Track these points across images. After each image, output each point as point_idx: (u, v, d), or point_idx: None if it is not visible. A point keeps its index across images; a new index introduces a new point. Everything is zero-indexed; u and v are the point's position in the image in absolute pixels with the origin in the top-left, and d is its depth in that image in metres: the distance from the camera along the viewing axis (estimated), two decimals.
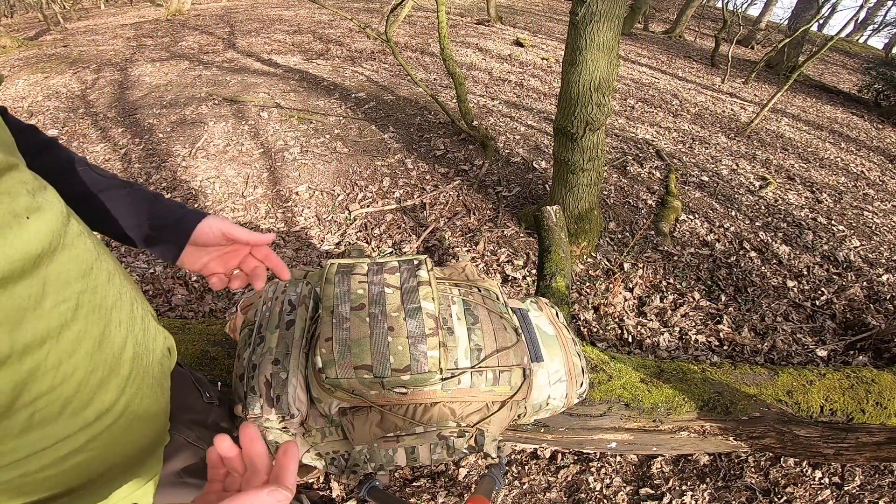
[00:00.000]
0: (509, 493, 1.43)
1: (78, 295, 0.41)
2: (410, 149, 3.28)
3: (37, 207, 0.38)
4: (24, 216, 0.36)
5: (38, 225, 0.38)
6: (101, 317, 0.44)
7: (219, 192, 2.72)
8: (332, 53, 5.42)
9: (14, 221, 0.35)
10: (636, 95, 5.07)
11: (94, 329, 0.42)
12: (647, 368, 1.25)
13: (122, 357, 0.46)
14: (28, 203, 0.37)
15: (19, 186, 0.37)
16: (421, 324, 0.71)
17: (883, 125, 5.58)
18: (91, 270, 0.44)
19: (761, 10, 11.35)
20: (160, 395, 0.54)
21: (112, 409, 0.45)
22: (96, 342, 0.43)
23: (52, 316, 0.38)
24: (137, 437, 0.50)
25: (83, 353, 0.41)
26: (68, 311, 0.40)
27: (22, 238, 0.36)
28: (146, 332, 0.52)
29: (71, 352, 0.40)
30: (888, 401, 1.24)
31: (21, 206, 0.37)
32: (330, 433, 0.82)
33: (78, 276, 0.41)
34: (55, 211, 0.41)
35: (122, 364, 0.46)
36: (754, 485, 1.47)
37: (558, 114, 2.06)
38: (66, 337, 0.39)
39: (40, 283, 0.37)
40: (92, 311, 0.42)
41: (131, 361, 0.47)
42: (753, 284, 2.31)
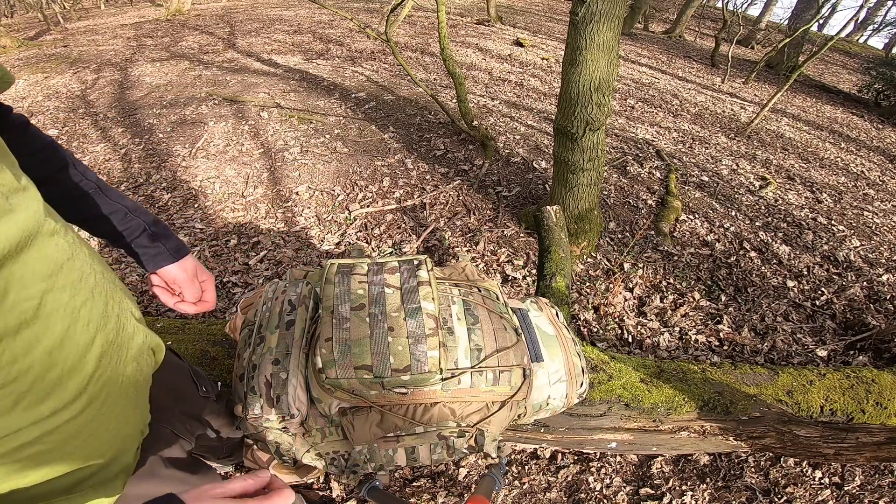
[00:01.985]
0: (509, 493, 1.43)
1: (42, 294, 0.42)
2: (410, 149, 3.28)
3: (9, 209, 0.39)
4: None
5: (7, 226, 0.38)
6: (66, 315, 0.44)
7: (219, 192, 2.72)
8: (332, 53, 5.42)
9: None
10: (636, 95, 5.07)
11: (57, 327, 0.43)
12: (647, 368, 1.25)
13: (87, 356, 0.47)
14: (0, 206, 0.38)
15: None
16: (421, 324, 0.71)
17: (883, 125, 5.58)
18: (60, 270, 0.44)
19: (761, 10, 11.35)
20: (132, 392, 0.55)
21: (70, 405, 0.45)
22: (57, 340, 0.43)
23: (11, 314, 0.38)
24: (103, 433, 0.50)
25: (41, 350, 0.42)
26: (29, 309, 0.40)
27: None
28: (121, 332, 0.53)
29: (27, 349, 0.40)
30: (888, 401, 1.24)
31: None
32: (330, 433, 0.82)
33: (44, 276, 0.42)
34: (29, 212, 0.41)
35: (86, 363, 0.46)
36: (754, 485, 1.47)
37: (558, 114, 2.06)
38: (24, 335, 0.40)
39: (3, 282, 0.38)
40: (56, 310, 0.43)
41: (97, 360, 0.48)
42: (753, 284, 2.31)
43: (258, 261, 2.23)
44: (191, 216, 2.51)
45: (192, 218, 2.50)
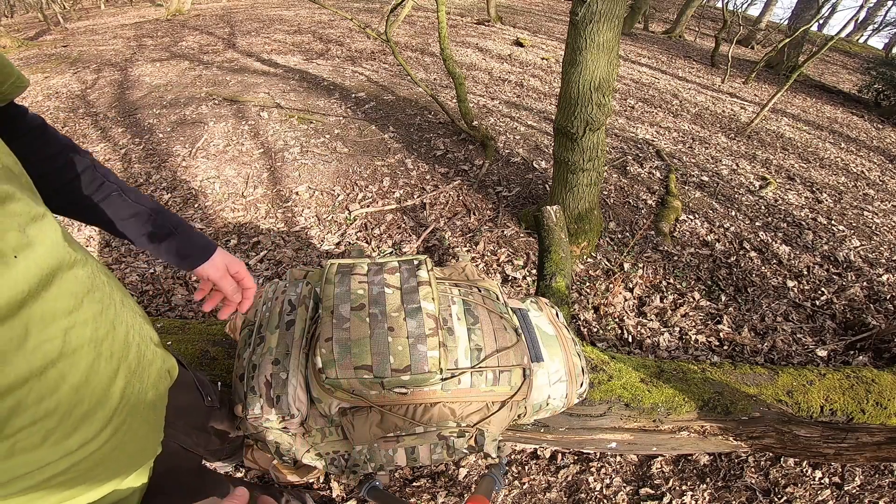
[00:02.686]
0: (509, 493, 1.43)
1: (64, 332, 0.41)
2: (410, 149, 3.28)
3: (27, 244, 0.37)
4: (11, 255, 0.35)
5: (27, 264, 0.37)
6: (90, 351, 0.43)
7: (219, 192, 2.72)
8: (332, 53, 5.42)
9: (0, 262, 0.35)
10: (636, 95, 5.07)
11: (81, 364, 0.42)
12: (647, 368, 1.25)
13: (112, 389, 0.46)
14: (17, 240, 0.36)
15: (10, 221, 0.36)
16: (421, 324, 0.71)
17: (883, 125, 5.58)
18: (81, 305, 0.43)
19: (761, 10, 11.35)
20: (153, 417, 0.55)
21: (97, 437, 0.45)
22: (83, 377, 0.42)
23: (35, 356, 0.38)
24: (124, 457, 0.50)
25: (67, 388, 0.41)
26: (53, 350, 0.39)
27: (7, 281, 0.35)
28: (141, 360, 0.52)
29: (54, 388, 0.40)
30: (888, 401, 1.24)
31: (9, 244, 0.36)
32: (330, 433, 0.82)
33: (65, 313, 0.41)
34: (47, 244, 0.40)
35: (111, 396, 0.46)
36: (754, 485, 1.47)
37: (558, 114, 2.06)
38: (50, 375, 0.39)
39: (23, 325, 0.37)
40: (80, 346, 0.42)
41: (122, 391, 0.48)
42: (753, 284, 2.31)
43: (258, 261, 2.23)
44: (191, 216, 2.51)
45: (192, 218, 2.50)
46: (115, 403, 0.46)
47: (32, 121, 0.60)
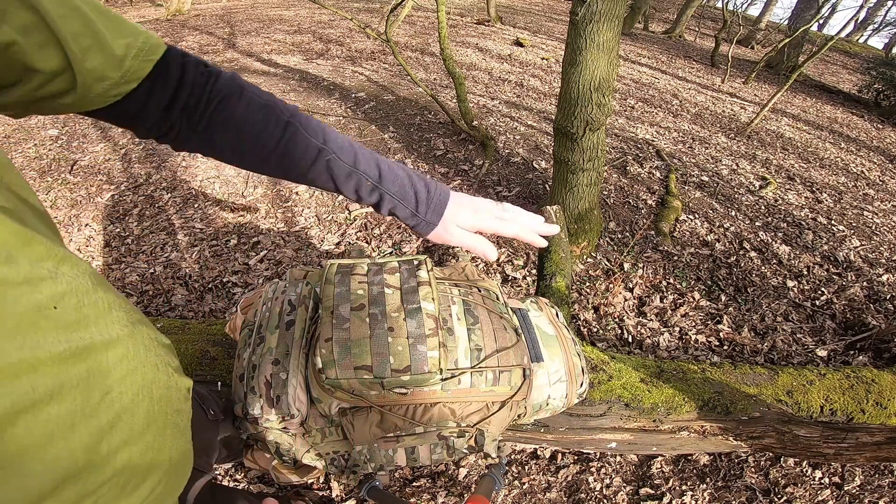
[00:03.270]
0: (509, 493, 1.43)
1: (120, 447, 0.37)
2: (410, 149, 3.28)
3: (61, 294, 0.32)
4: (50, 307, 0.31)
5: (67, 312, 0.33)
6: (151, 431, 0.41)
7: (219, 191, 2.72)
8: (332, 53, 5.42)
9: (40, 317, 0.30)
10: (636, 95, 5.07)
11: (148, 437, 0.40)
12: (647, 368, 1.25)
13: (161, 456, 0.43)
14: (52, 289, 0.32)
15: (39, 268, 0.32)
16: (421, 324, 0.71)
17: (883, 125, 5.58)
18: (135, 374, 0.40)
19: (761, 10, 11.35)
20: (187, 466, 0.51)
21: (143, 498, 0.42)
22: (147, 445, 0.40)
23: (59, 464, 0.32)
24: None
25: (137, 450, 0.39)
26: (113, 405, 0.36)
27: (48, 338, 0.30)
28: (179, 417, 0.48)
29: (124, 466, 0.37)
30: (888, 401, 1.24)
31: (46, 294, 0.31)
32: (330, 433, 0.82)
33: (106, 425, 0.37)
34: (80, 287, 0.35)
35: (164, 448, 0.43)
36: (754, 485, 1.47)
37: (558, 114, 2.06)
38: (123, 453, 0.37)
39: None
40: (144, 431, 0.40)
41: (158, 483, 0.44)
42: (753, 284, 2.31)
43: (258, 261, 2.23)
44: (191, 216, 2.51)
45: (192, 218, 2.50)
46: (168, 457, 0.44)
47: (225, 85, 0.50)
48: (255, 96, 0.53)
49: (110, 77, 0.42)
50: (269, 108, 0.54)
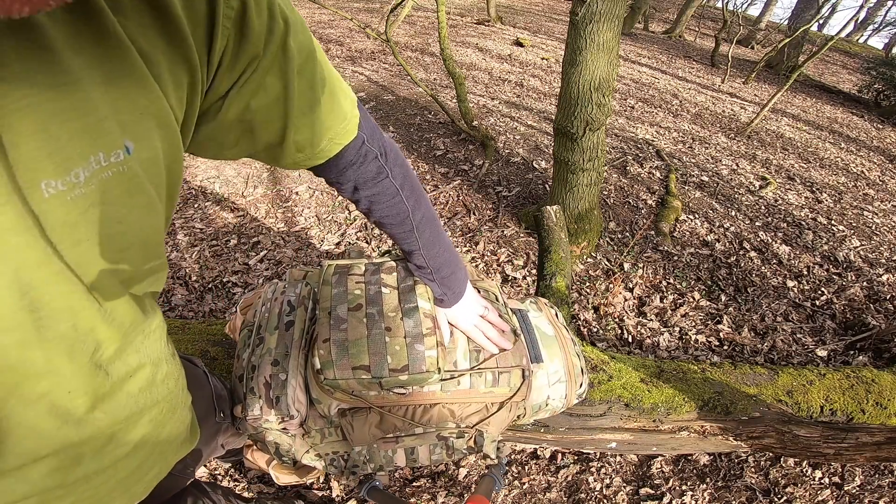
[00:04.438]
0: (509, 493, 1.43)
1: (142, 430, 0.44)
2: (410, 149, 3.28)
3: (138, 365, 0.39)
4: (126, 377, 0.38)
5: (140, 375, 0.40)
6: (146, 447, 0.46)
7: (219, 192, 2.72)
8: (332, 53, 5.42)
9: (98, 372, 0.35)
10: (636, 95, 5.07)
11: (140, 455, 0.45)
12: (647, 368, 1.25)
13: (148, 477, 0.48)
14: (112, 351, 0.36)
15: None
16: (418, 323, 0.71)
17: (883, 125, 5.57)
18: (157, 403, 0.45)
19: (761, 10, 11.35)
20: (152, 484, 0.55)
21: None
22: (136, 465, 0.45)
23: (111, 454, 0.40)
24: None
25: (117, 479, 0.43)
26: (126, 449, 0.42)
27: (107, 404, 0.37)
28: (179, 447, 0.53)
29: (111, 477, 0.42)
30: (888, 401, 1.24)
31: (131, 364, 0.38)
32: (329, 434, 0.81)
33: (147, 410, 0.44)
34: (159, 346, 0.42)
35: (150, 471, 0.48)
36: (754, 485, 1.47)
37: (558, 114, 2.06)
38: (113, 468, 0.42)
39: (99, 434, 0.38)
40: (144, 445, 0.45)
41: (154, 478, 0.49)
42: (753, 284, 2.31)
43: (258, 261, 2.23)
44: (191, 216, 2.51)
45: (192, 218, 2.50)
46: (138, 490, 0.47)
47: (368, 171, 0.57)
48: (401, 202, 0.63)
49: (306, 152, 0.48)
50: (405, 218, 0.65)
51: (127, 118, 0.26)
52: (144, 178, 0.29)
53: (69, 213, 0.25)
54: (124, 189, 0.28)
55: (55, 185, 0.24)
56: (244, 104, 0.38)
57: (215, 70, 0.33)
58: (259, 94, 0.38)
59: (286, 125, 0.42)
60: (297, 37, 0.38)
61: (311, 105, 0.43)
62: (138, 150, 0.27)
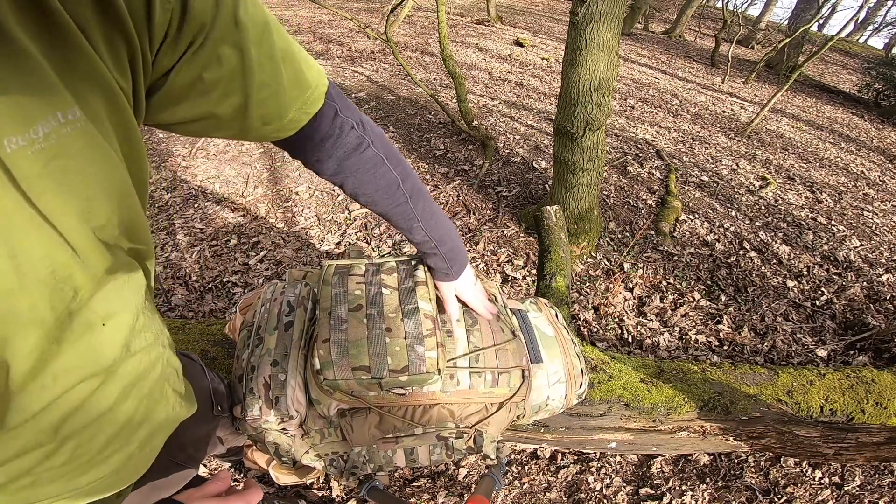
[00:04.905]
0: (509, 493, 1.43)
1: (121, 389, 0.44)
2: (410, 149, 3.28)
3: (112, 312, 0.39)
4: (99, 323, 0.38)
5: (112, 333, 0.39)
6: (132, 405, 0.46)
7: (219, 192, 2.72)
8: (332, 53, 5.42)
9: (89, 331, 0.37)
10: (636, 95, 5.07)
11: (121, 418, 0.45)
12: (647, 368, 1.25)
13: (134, 437, 0.48)
14: (106, 310, 0.38)
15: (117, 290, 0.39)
16: (418, 324, 0.71)
17: (883, 125, 5.57)
18: (140, 363, 0.45)
19: (761, 10, 11.35)
20: (150, 460, 0.55)
21: (106, 476, 0.47)
22: (118, 429, 0.45)
23: (91, 411, 0.41)
24: (119, 483, 0.52)
25: (102, 438, 0.43)
26: (106, 404, 0.42)
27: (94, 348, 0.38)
28: (169, 413, 0.53)
29: (92, 436, 0.42)
30: (888, 401, 1.24)
31: (98, 314, 0.37)
32: (329, 434, 0.81)
33: (125, 387, 0.44)
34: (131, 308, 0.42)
35: (132, 443, 0.48)
36: (754, 485, 1.47)
37: (558, 114, 2.06)
38: (95, 425, 0.42)
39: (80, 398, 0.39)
40: (125, 400, 0.44)
41: (141, 442, 0.49)
42: (753, 284, 2.31)
43: (258, 261, 2.23)
44: (191, 216, 2.51)
45: (191, 218, 2.50)
46: (131, 451, 0.48)
47: (347, 142, 0.56)
48: (389, 171, 0.61)
49: (273, 125, 0.47)
50: (395, 189, 0.63)
51: (70, 83, 0.29)
52: (99, 136, 0.32)
53: (32, 166, 0.28)
54: (82, 144, 0.31)
55: (17, 140, 0.27)
56: (195, 76, 0.38)
57: (160, 42, 0.34)
58: (212, 67, 0.38)
59: (247, 98, 0.42)
60: (248, 9, 0.39)
61: (273, 76, 0.43)
62: (84, 111, 0.30)
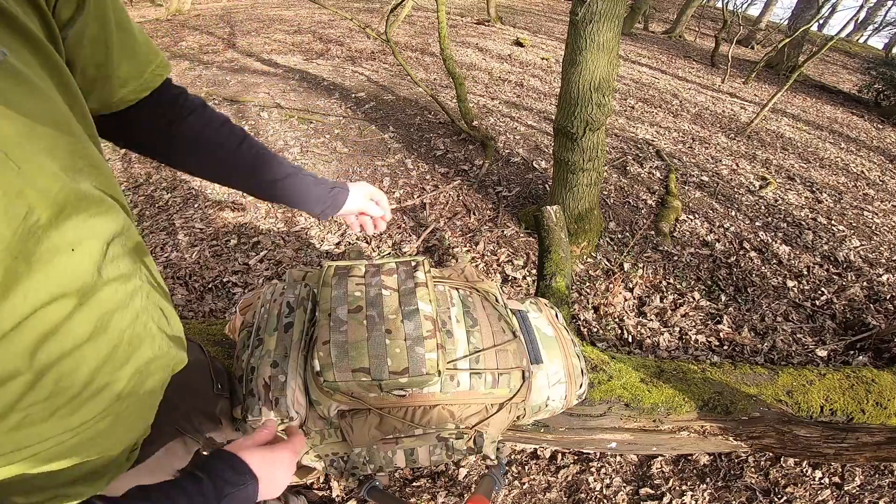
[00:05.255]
0: (509, 493, 1.43)
1: (98, 318, 0.43)
2: (410, 149, 3.28)
3: (81, 239, 0.40)
4: (68, 249, 0.39)
5: (81, 257, 0.40)
6: (113, 338, 0.45)
7: (219, 191, 2.72)
8: (332, 53, 5.42)
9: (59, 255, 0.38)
10: (636, 95, 5.07)
11: (103, 350, 0.44)
12: (647, 368, 1.25)
13: (120, 373, 0.47)
14: (76, 235, 0.40)
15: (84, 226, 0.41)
16: (418, 326, 0.71)
17: (883, 125, 5.57)
18: (116, 293, 0.45)
19: (761, 10, 11.35)
20: (149, 404, 0.56)
21: (96, 417, 0.46)
22: (101, 361, 0.44)
23: (67, 339, 0.41)
24: (111, 438, 0.51)
25: (86, 370, 0.43)
26: (84, 334, 0.42)
27: (65, 272, 0.39)
28: (156, 351, 0.53)
29: (74, 368, 0.42)
30: (888, 401, 1.24)
31: (67, 239, 0.39)
32: (329, 435, 0.81)
33: (108, 311, 0.44)
34: (102, 237, 0.43)
35: (119, 380, 0.47)
36: (754, 485, 1.47)
37: (558, 114, 2.06)
38: (75, 356, 0.41)
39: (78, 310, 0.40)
40: (105, 332, 0.44)
41: (129, 378, 0.49)
42: (753, 284, 2.31)
43: (258, 261, 2.23)
44: (191, 216, 2.51)
45: (191, 218, 2.50)
46: (120, 388, 0.48)
47: (196, 99, 0.65)
48: (233, 125, 0.69)
49: (131, 85, 0.53)
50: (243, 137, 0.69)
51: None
52: (29, 74, 0.36)
53: None
54: (12, 81, 0.34)
55: None
56: (77, 42, 0.44)
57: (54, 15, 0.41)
58: (86, 33, 0.44)
59: (108, 58, 0.48)
60: None
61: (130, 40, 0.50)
62: (11, 54, 0.34)
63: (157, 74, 0.56)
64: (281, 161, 0.72)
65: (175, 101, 0.62)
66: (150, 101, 0.58)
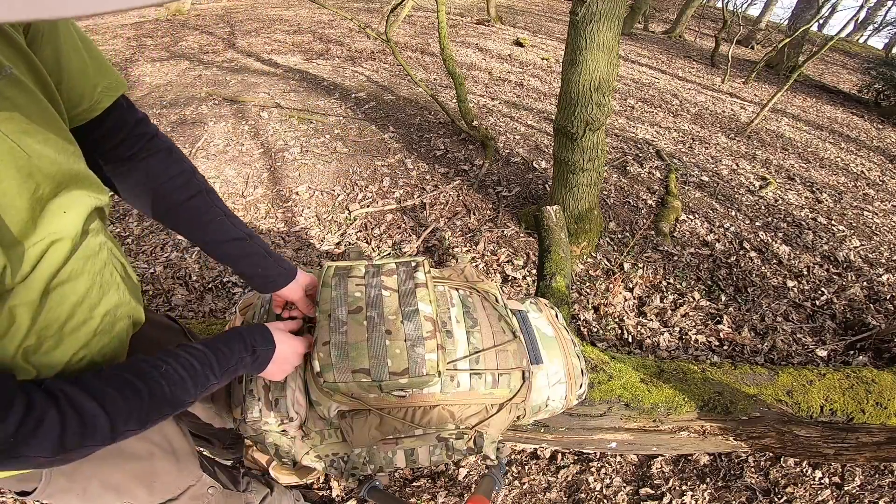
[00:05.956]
0: (509, 493, 1.43)
1: (80, 262, 0.54)
2: (410, 149, 3.28)
3: (70, 206, 0.52)
4: (61, 212, 0.51)
5: (72, 218, 0.52)
6: (89, 279, 0.56)
7: (219, 191, 2.71)
8: (332, 53, 5.41)
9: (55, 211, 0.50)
10: (636, 95, 5.06)
11: (81, 289, 0.54)
12: (647, 368, 1.25)
13: (95, 312, 0.58)
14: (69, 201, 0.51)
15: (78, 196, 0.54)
16: (418, 326, 0.71)
17: (883, 125, 5.57)
18: (96, 240, 0.58)
19: (761, 10, 11.35)
20: (119, 354, 0.64)
21: (77, 354, 0.56)
22: (80, 298, 0.54)
23: (55, 278, 0.51)
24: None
25: (68, 305, 0.53)
26: (67, 271, 0.53)
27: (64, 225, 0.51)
28: (121, 296, 0.64)
29: (59, 302, 0.52)
30: (888, 401, 1.24)
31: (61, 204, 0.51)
32: (329, 436, 0.81)
33: (87, 256, 0.56)
34: (86, 204, 0.54)
35: (94, 318, 0.58)
36: (754, 485, 1.47)
37: (558, 114, 2.06)
38: (59, 291, 0.51)
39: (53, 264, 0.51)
40: (83, 273, 0.55)
41: (101, 316, 0.59)
42: (753, 284, 2.31)
43: None
44: None
45: None
46: (95, 326, 0.57)
47: (160, 142, 0.68)
48: (183, 156, 0.71)
49: (84, 104, 0.58)
50: (192, 175, 0.71)
51: (4, 54, 0.44)
52: (28, 83, 0.46)
53: None
54: (17, 90, 0.44)
55: None
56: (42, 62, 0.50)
57: None
58: (42, 57, 0.50)
59: (61, 78, 0.53)
60: None
61: (80, 62, 0.55)
62: (14, 68, 0.44)
63: (107, 95, 0.60)
64: (234, 224, 0.73)
65: (134, 128, 0.65)
66: (104, 121, 0.61)
